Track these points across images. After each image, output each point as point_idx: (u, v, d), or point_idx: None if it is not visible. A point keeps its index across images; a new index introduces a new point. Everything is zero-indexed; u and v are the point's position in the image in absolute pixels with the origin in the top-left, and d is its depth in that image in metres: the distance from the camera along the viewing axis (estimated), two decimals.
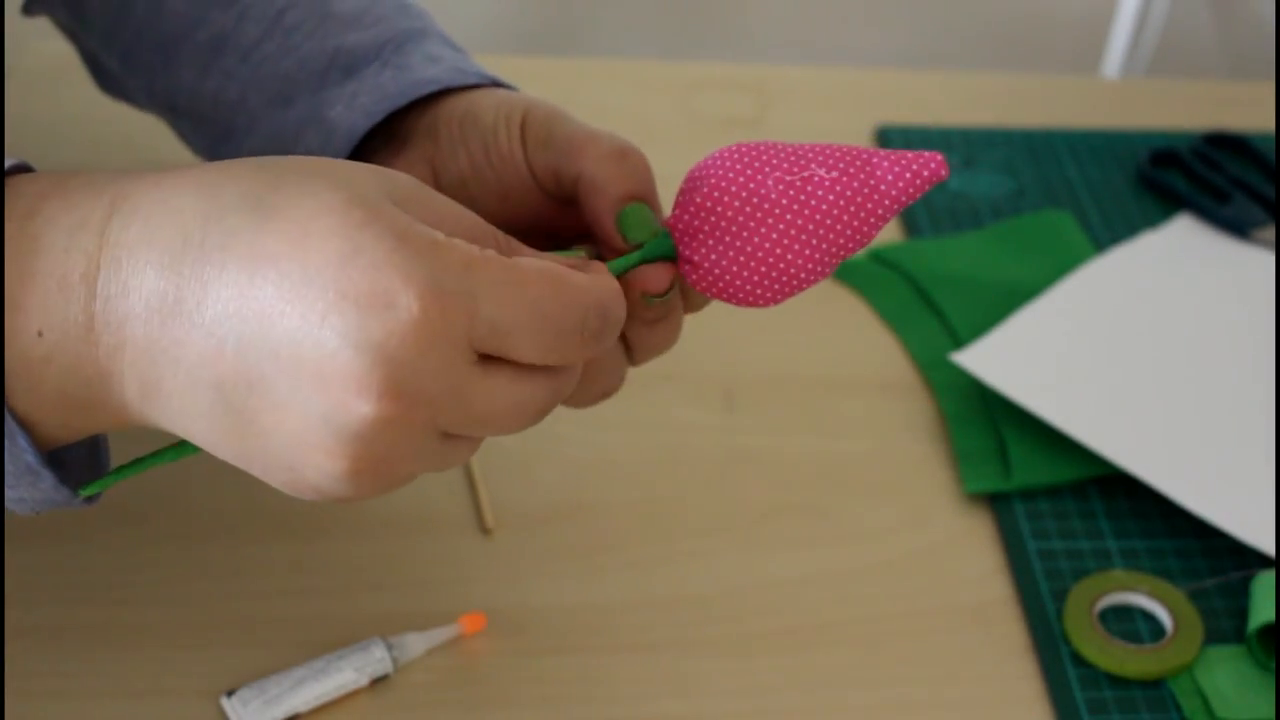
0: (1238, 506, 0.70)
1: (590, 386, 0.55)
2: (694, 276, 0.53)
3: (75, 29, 0.69)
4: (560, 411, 0.75)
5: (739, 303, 0.53)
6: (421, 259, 0.43)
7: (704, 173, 0.53)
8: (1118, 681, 0.65)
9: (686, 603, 0.67)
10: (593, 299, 0.46)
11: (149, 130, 0.89)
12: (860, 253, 0.85)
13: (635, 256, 0.53)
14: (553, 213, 0.57)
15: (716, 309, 0.81)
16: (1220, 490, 0.71)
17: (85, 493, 0.50)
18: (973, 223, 0.88)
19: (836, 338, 0.81)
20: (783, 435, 0.75)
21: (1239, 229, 0.87)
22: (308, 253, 0.43)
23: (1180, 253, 0.86)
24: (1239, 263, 0.85)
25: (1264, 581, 0.67)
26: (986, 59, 1.85)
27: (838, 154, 0.53)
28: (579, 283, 0.46)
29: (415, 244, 0.44)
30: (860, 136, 0.94)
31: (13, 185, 0.47)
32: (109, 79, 0.70)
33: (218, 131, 0.64)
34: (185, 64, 0.64)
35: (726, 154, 0.53)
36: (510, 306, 0.44)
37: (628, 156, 0.54)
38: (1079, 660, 0.66)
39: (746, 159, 0.53)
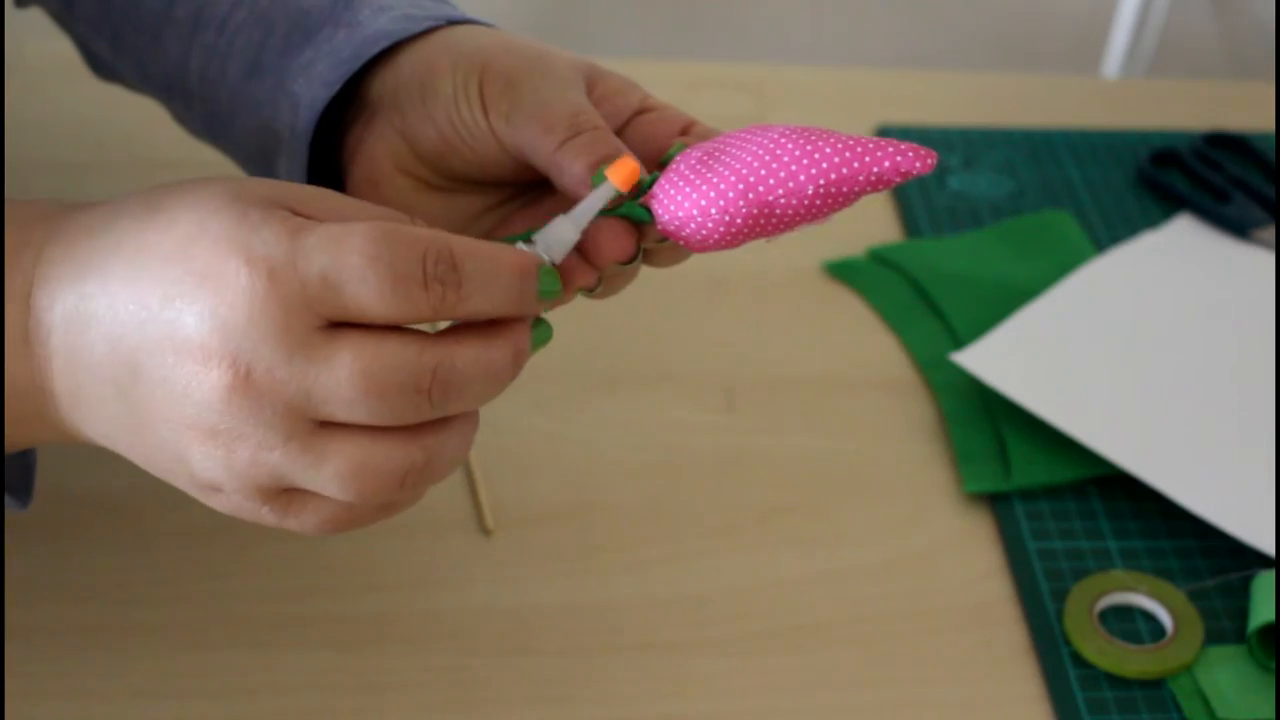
0: (1238, 506, 0.70)
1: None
2: (658, 210, 0.51)
3: (64, 17, 0.69)
4: (560, 411, 0.76)
5: (694, 245, 0.51)
6: (253, 230, 0.44)
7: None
8: (1118, 681, 0.65)
9: (686, 603, 0.67)
10: (429, 242, 0.45)
11: (149, 130, 0.89)
12: (860, 253, 0.85)
13: (612, 213, 0.51)
14: (538, 174, 0.55)
15: (716, 310, 0.82)
16: (1220, 490, 0.71)
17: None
18: (973, 223, 0.88)
19: (836, 338, 0.81)
20: (783, 435, 0.75)
21: (1239, 229, 0.87)
22: (169, 239, 0.45)
23: (1180, 253, 0.86)
24: (1239, 263, 0.85)
25: (1264, 581, 0.67)
26: (987, 59, 1.85)
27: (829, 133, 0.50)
28: (414, 229, 0.45)
29: (250, 219, 0.45)
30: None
31: None
32: (102, 65, 0.69)
33: (207, 109, 0.63)
34: (169, 42, 0.63)
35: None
36: (338, 256, 0.44)
37: (582, 129, 0.52)
38: (1079, 660, 0.66)
39: (742, 133, 0.51)
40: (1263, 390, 0.77)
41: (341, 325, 0.45)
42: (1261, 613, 0.66)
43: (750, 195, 0.49)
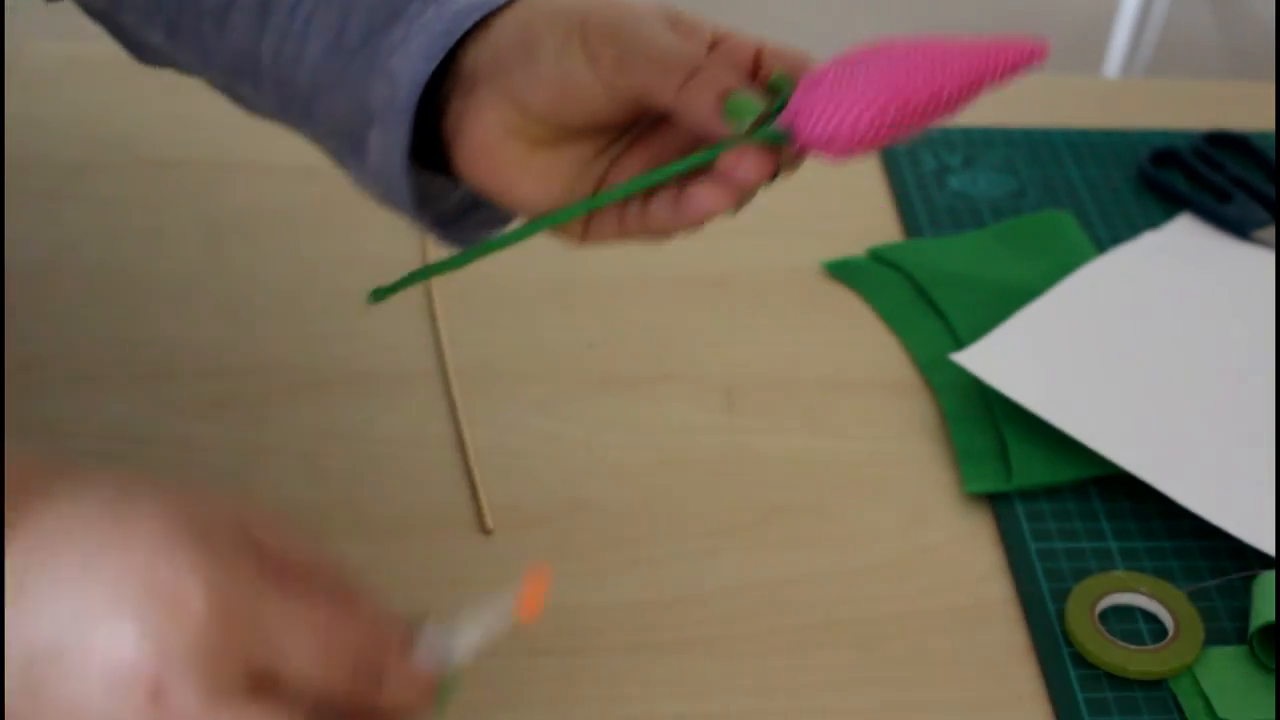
0: (1238, 506, 0.70)
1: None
2: (802, 127, 0.53)
3: (107, 8, 0.68)
4: (560, 411, 0.76)
5: (840, 154, 0.53)
6: (221, 566, 0.45)
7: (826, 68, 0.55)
8: (1119, 682, 0.65)
9: (686, 603, 0.67)
10: (370, 647, 0.47)
11: (149, 130, 0.89)
12: (860, 252, 0.85)
13: (747, 139, 0.53)
14: (644, 114, 0.56)
15: (716, 310, 0.82)
16: (1221, 490, 0.71)
17: (375, 299, 0.56)
18: (973, 222, 0.88)
19: (836, 338, 0.81)
20: (783, 435, 0.75)
21: (1240, 229, 0.87)
22: (131, 555, 0.45)
23: (1181, 253, 0.86)
24: (1240, 263, 0.85)
25: (1266, 582, 0.67)
26: None
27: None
28: (360, 621, 0.47)
29: (221, 555, 0.45)
30: None
31: None
32: (151, 52, 0.69)
33: (282, 90, 0.62)
34: (236, 27, 0.62)
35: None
36: (293, 631, 0.45)
37: (699, 67, 0.53)
38: (1080, 661, 0.66)
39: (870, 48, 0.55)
40: (1264, 390, 0.76)
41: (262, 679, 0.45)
42: (1263, 613, 0.66)
43: (897, 103, 0.53)
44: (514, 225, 0.62)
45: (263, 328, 0.78)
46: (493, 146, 0.57)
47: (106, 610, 0.44)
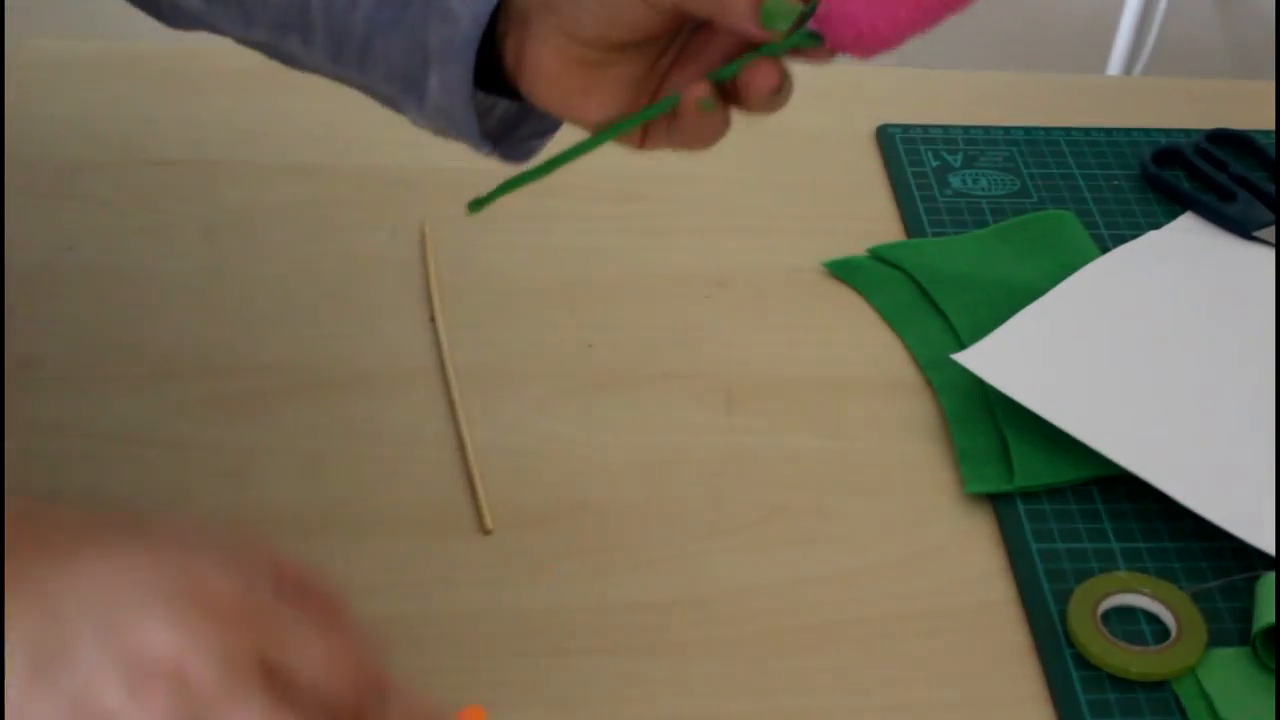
0: (1241, 507, 0.70)
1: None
2: (831, 31, 0.57)
3: None
4: (560, 412, 0.76)
5: (869, 51, 0.58)
6: (249, 569, 0.47)
7: None
8: (1121, 683, 0.65)
9: (686, 603, 0.67)
10: (373, 682, 0.48)
11: (149, 129, 0.89)
12: (861, 252, 0.85)
13: (780, 45, 0.58)
14: (686, 21, 0.59)
15: (716, 310, 0.82)
16: (1223, 490, 0.71)
17: (474, 210, 0.60)
18: (975, 222, 0.88)
19: (836, 338, 0.81)
20: (783, 435, 0.75)
21: (1242, 228, 0.86)
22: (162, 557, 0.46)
23: (1183, 252, 0.86)
24: (1242, 262, 0.85)
25: (1268, 583, 0.67)
26: (989, 59, 1.85)
27: None
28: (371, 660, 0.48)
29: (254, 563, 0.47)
30: (860, 136, 0.94)
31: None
32: (182, 16, 0.70)
33: (335, 38, 0.65)
34: None
35: None
36: (314, 649, 0.47)
37: None
38: (1082, 662, 0.65)
39: None
40: (1266, 390, 0.76)
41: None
42: (1266, 614, 0.65)
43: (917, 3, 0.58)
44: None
45: (263, 328, 0.78)
46: (553, 76, 0.60)
47: (134, 599, 0.45)
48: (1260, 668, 0.65)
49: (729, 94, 0.59)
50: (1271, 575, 0.67)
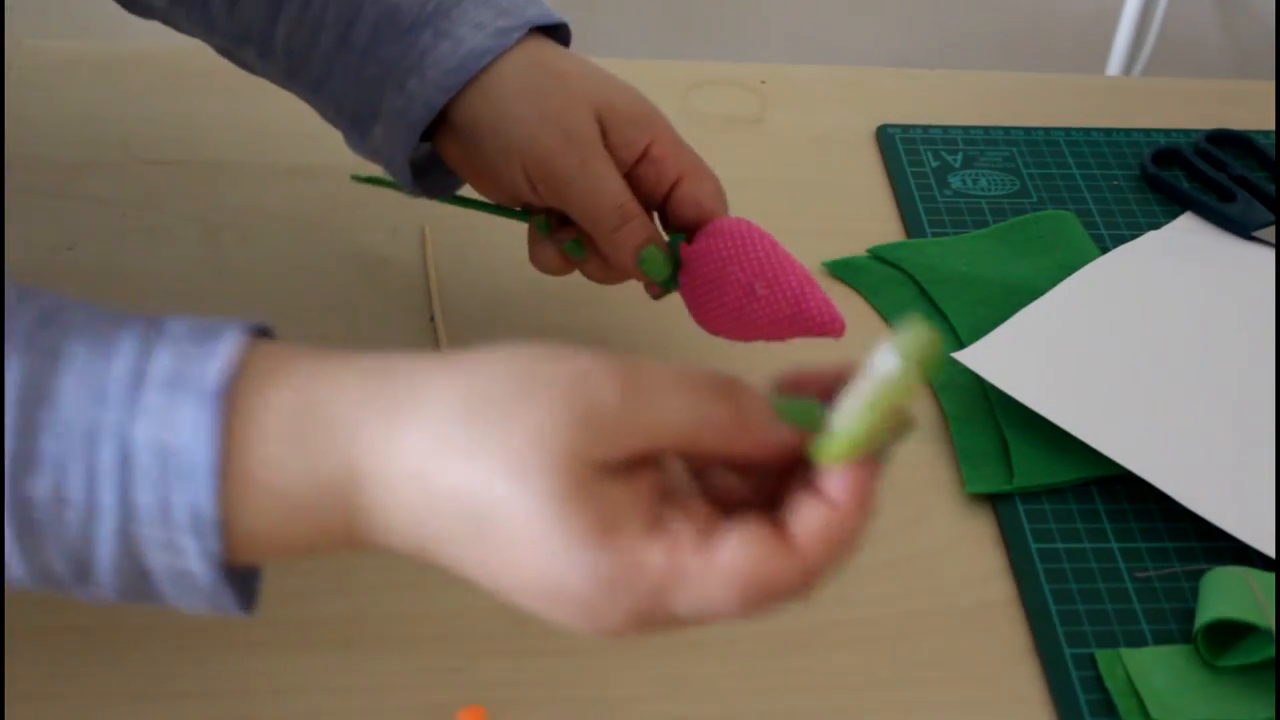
0: (1240, 507, 0.70)
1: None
2: (686, 296, 0.70)
3: None
4: None
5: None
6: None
7: (715, 229, 0.68)
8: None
9: None
10: (787, 591, 0.50)
11: (149, 129, 0.89)
12: (861, 252, 0.85)
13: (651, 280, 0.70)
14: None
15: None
16: (1222, 491, 0.71)
17: (356, 179, 0.71)
18: (974, 222, 0.88)
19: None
20: None
21: (1242, 228, 0.86)
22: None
23: (1183, 252, 0.86)
24: (1242, 262, 0.85)
25: (1214, 578, 0.67)
26: (989, 59, 1.85)
27: (788, 277, 0.67)
28: (776, 583, 0.50)
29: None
30: (861, 136, 0.94)
31: (285, 362, 0.49)
32: (140, 6, 0.72)
33: (292, 67, 0.69)
34: (250, 10, 0.68)
35: (730, 227, 0.67)
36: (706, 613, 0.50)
37: (627, 218, 0.66)
38: (1081, 662, 0.65)
39: (738, 240, 0.67)
40: (1265, 390, 0.76)
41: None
42: (1209, 609, 0.65)
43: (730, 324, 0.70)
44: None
45: None
46: (460, 165, 0.70)
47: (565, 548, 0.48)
48: (1199, 664, 0.65)
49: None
50: (1218, 571, 0.67)
